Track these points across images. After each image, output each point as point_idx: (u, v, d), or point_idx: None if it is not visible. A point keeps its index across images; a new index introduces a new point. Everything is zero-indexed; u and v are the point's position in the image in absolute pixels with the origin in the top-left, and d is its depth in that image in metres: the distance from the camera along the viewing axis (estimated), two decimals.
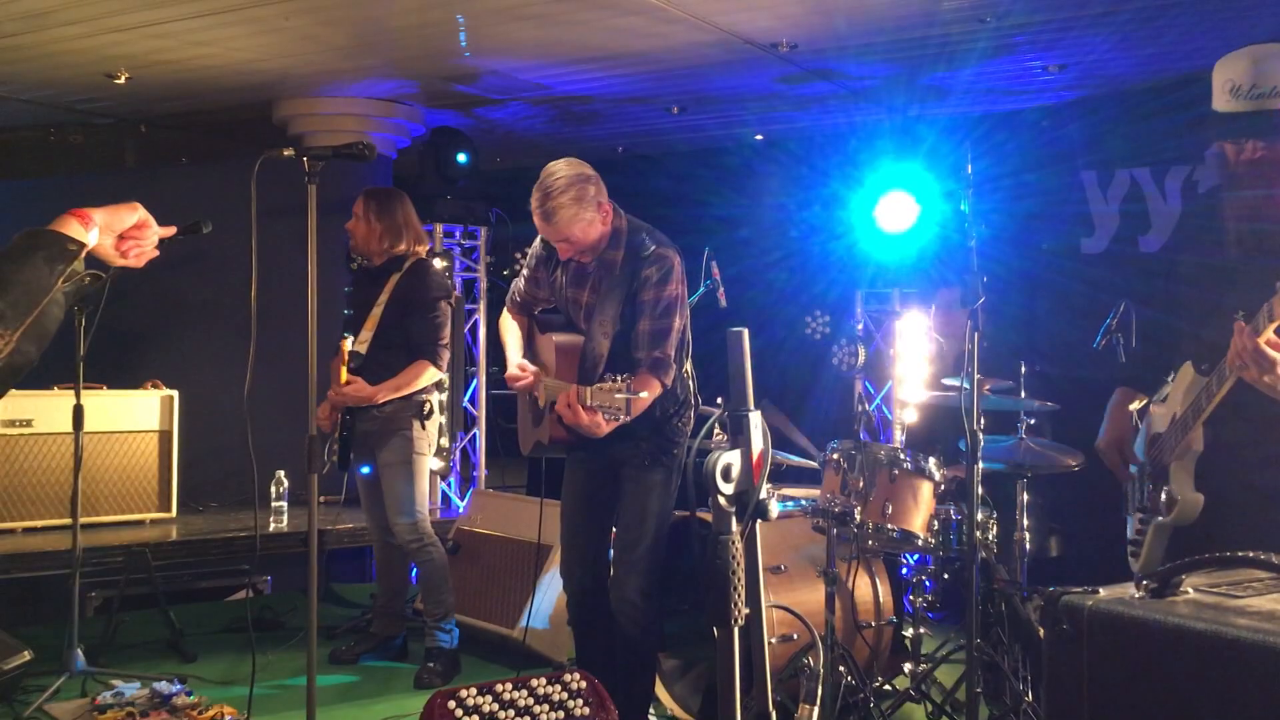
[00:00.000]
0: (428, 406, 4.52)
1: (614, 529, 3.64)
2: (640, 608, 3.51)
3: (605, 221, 3.42)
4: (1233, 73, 2.42)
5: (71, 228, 1.70)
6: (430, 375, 4.43)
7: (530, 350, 3.76)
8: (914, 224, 6.25)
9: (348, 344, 4.41)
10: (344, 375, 4.31)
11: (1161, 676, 1.44)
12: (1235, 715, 1.37)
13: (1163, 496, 2.56)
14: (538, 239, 3.65)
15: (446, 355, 4.49)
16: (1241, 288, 2.42)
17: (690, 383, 3.64)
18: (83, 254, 1.69)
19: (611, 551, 3.68)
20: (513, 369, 3.62)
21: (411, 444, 4.45)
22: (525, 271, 3.75)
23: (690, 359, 3.64)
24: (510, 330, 3.79)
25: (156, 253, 1.87)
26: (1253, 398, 2.41)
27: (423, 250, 4.58)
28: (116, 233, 1.79)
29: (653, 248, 3.44)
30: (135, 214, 1.81)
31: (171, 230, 1.90)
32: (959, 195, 3.14)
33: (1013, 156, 6.13)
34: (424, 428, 4.50)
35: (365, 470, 4.58)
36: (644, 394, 3.15)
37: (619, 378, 3.12)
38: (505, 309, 3.86)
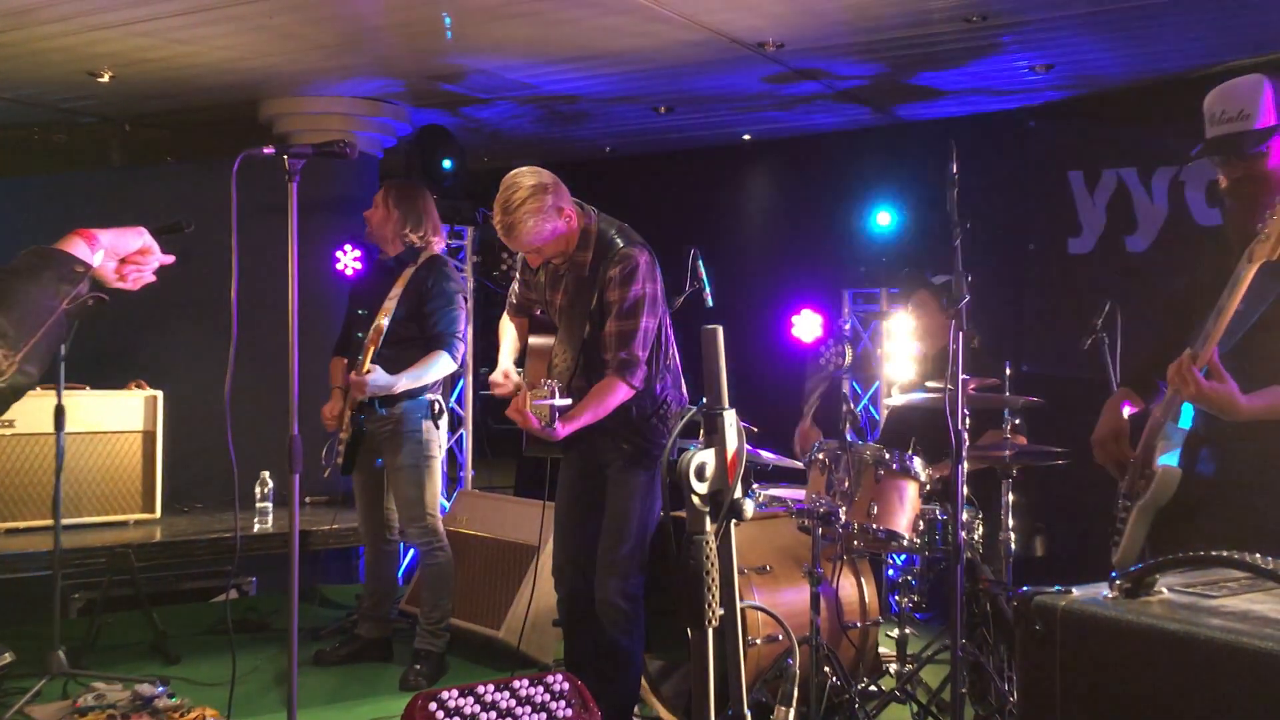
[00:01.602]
0: (437, 406, 4.49)
1: None
2: (622, 610, 3.50)
3: (570, 225, 3.40)
4: (1209, 103, 2.69)
5: (78, 248, 1.69)
6: (446, 365, 4.38)
7: (523, 353, 3.76)
8: (901, 224, 6.26)
9: (375, 327, 4.33)
10: (366, 365, 4.20)
11: (1135, 677, 1.43)
12: (1209, 717, 1.37)
13: (1144, 476, 2.61)
14: None
15: (462, 349, 4.46)
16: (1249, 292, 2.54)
17: (672, 382, 3.60)
18: (88, 276, 1.68)
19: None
20: (496, 374, 3.61)
21: (423, 446, 4.43)
22: (517, 274, 3.75)
23: (670, 358, 3.60)
24: (505, 334, 3.77)
25: (154, 278, 1.86)
26: None
27: (439, 244, 4.56)
28: (120, 256, 1.78)
29: (620, 245, 3.41)
30: (141, 239, 1.82)
31: (171, 258, 1.89)
32: (944, 195, 3.12)
33: (999, 157, 6.14)
34: (436, 427, 4.48)
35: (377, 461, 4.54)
36: (567, 400, 3.18)
37: (547, 383, 3.15)
38: (505, 312, 3.85)
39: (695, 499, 1.60)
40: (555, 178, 3.41)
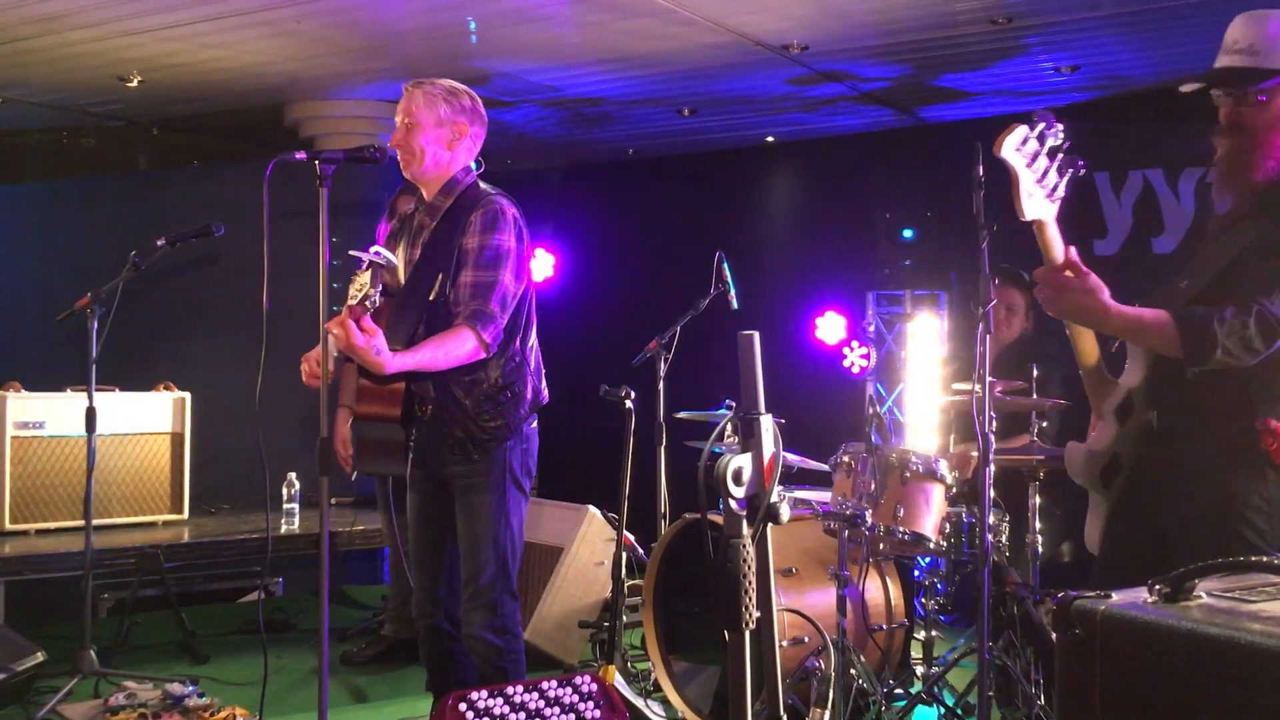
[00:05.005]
0: None
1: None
2: (494, 644, 3.16)
3: (449, 142, 3.12)
4: (1231, 29, 2.35)
5: None
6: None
7: None
8: (925, 227, 6.25)
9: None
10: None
11: (1175, 681, 1.43)
12: None
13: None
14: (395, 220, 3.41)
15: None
16: (1201, 262, 2.38)
17: (533, 369, 3.20)
18: None
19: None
20: (310, 354, 3.04)
21: None
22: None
23: (530, 345, 3.19)
24: None
25: None
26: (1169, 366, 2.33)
27: None
28: None
29: (489, 194, 3.14)
30: None
31: None
32: (969, 197, 3.12)
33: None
34: None
35: None
36: (395, 260, 2.77)
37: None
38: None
39: (732, 503, 1.61)
40: (483, 117, 3.21)
